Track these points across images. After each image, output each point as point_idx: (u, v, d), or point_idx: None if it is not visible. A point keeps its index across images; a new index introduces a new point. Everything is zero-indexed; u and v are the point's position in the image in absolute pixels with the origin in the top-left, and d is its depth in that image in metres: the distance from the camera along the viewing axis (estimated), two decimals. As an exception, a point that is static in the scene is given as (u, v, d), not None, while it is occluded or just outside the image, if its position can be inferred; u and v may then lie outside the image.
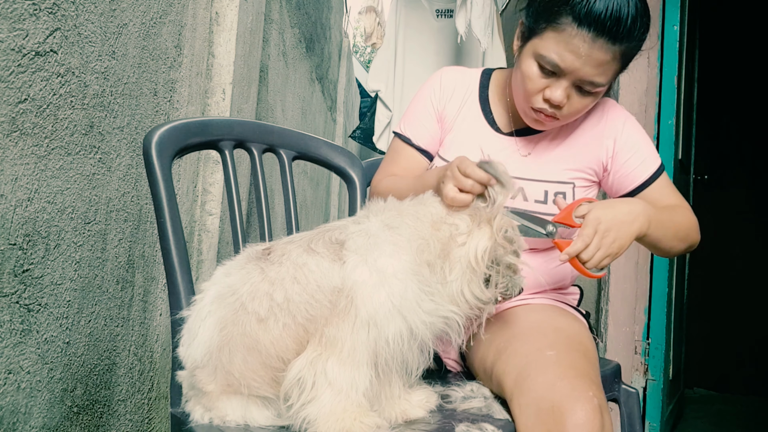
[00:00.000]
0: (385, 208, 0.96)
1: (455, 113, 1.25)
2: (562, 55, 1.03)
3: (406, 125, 1.29)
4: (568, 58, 1.03)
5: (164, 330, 1.68)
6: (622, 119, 1.21)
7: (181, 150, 1.16)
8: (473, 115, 1.25)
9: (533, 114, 1.13)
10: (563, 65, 1.04)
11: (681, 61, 2.56)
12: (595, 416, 0.88)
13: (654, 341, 2.46)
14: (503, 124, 1.24)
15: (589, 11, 1.00)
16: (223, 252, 1.94)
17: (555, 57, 1.04)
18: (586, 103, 1.10)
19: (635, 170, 1.19)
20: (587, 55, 1.02)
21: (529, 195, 1.17)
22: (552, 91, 1.07)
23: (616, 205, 1.04)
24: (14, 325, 1.02)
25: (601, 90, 1.09)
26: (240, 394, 0.89)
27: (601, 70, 1.05)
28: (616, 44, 1.03)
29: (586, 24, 1.00)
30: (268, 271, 0.88)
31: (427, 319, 0.87)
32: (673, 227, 1.13)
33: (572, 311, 1.23)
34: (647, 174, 1.19)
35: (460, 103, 1.25)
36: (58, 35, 1.08)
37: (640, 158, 1.19)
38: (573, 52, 1.03)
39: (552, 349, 0.99)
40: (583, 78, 1.05)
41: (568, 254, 0.99)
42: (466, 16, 3.20)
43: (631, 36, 1.03)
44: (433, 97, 1.26)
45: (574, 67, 1.04)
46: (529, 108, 1.13)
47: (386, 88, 3.65)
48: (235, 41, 1.92)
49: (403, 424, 0.92)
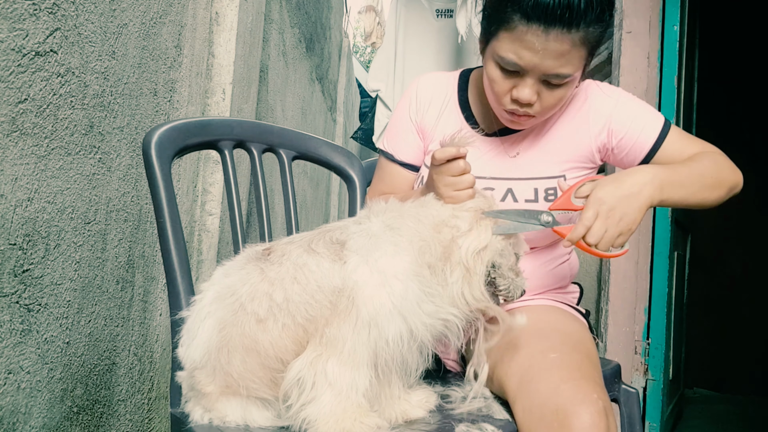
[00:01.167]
0: (387, 209, 0.96)
1: (434, 122, 1.24)
2: (518, 53, 1.01)
3: (388, 141, 1.29)
4: (525, 55, 1.00)
5: (164, 330, 1.68)
6: (611, 98, 1.17)
7: (180, 150, 1.16)
8: (454, 120, 1.23)
9: (507, 115, 1.11)
10: (522, 63, 1.01)
11: (681, 61, 2.56)
12: (601, 419, 0.87)
13: (654, 341, 2.46)
14: (486, 125, 1.22)
15: (536, 4, 0.96)
16: (223, 252, 1.94)
17: (513, 56, 1.01)
18: (558, 95, 1.06)
19: (638, 139, 1.15)
20: (543, 48, 0.99)
21: (519, 195, 1.16)
22: (519, 91, 1.04)
23: (620, 178, 1.00)
24: (14, 325, 1.02)
25: (570, 80, 1.05)
26: (239, 395, 0.89)
27: (564, 61, 1.01)
28: (572, 31, 0.98)
29: (536, 18, 0.97)
30: (267, 272, 0.88)
31: (427, 320, 0.86)
32: (697, 179, 1.07)
33: (573, 312, 1.23)
34: (652, 138, 1.14)
35: (439, 110, 1.24)
36: (58, 35, 1.08)
37: (640, 126, 1.15)
38: (529, 48, 0.99)
39: (554, 351, 0.99)
40: (546, 72, 1.01)
41: (570, 240, 0.96)
42: (467, 16, 3.20)
43: (587, 19, 0.98)
44: (411, 111, 1.26)
45: (533, 64, 1.00)
46: (501, 110, 1.11)
47: (386, 87, 3.65)
48: (235, 41, 1.92)
49: (403, 424, 0.92)
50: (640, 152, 1.15)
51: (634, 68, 2.50)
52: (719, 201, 1.14)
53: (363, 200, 1.40)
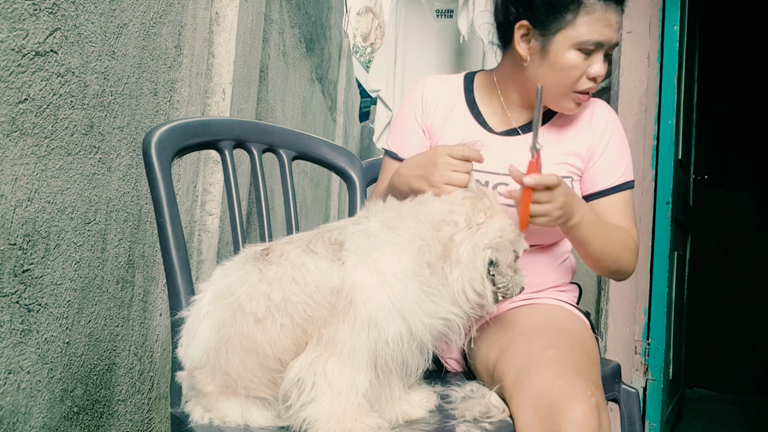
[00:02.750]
0: (385, 209, 0.95)
1: (442, 121, 1.25)
2: (600, 31, 1.11)
3: (392, 141, 1.30)
4: (605, 32, 1.11)
5: (164, 330, 1.68)
6: (606, 119, 1.24)
7: (180, 150, 1.16)
8: (463, 120, 1.25)
9: (577, 98, 1.16)
10: (604, 39, 1.12)
11: (681, 61, 2.56)
12: (593, 415, 0.88)
13: (654, 341, 2.46)
14: (495, 124, 1.24)
15: None
16: (223, 252, 1.94)
17: (597, 36, 1.11)
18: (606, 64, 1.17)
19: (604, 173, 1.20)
20: (616, 22, 1.13)
21: None
22: (596, 68, 1.14)
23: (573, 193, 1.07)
24: (14, 325, 1.02)
25: None
26: (239, 395, 0.89)
27: (619, 32, 1.16)
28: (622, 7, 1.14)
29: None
30: (266, 272, 0.88)
31: (427, 320, 0.86)
32: (604, 239, 1.13)
33: (574, 310, 1.24)
34: (612, 181, 1.20)
35: (446, 110, 1.25)
36: (58, 35, 1.08)
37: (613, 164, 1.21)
38: (608, 25, 1.12)
39: (553, 348, 1.00)
40: (612, 43, 1.14)
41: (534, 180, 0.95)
42: (468, 16, 3.19)
43: None
44: (416, 111, 1.26)
45: (610, 37, 1.13)
46: (569, 95, 1.16)
47: (386, 87, 3.65)
48: (235, 41, 1.92)
49: (404, 424, 0.92)
50: (592, 186, 1.21)
51: (634, 68, 2.50)
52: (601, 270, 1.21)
53: (363, 200, 1.40)
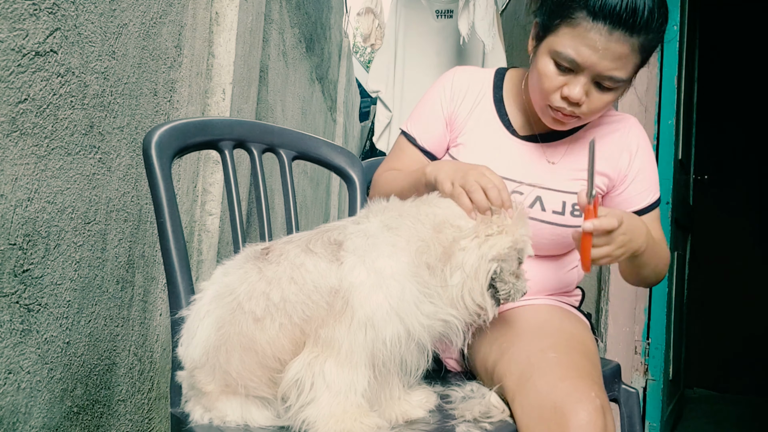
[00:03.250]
0: (386, 209, 0.95)
1: (467, 114, 1.22)
2: (578, 49, 1.01)
3: (413, 125, 1.27)
4: (584, 52, 1.01)
5: (164, 330, 1.68)
6: (637, 139, 1.20)
7: (181, 150, 1.16)
8: (487, 117, 1.22)
9: (551, 113, 1.10)
10: (580, 60, 1.02)
11: (681, 61, 2.56)
12: (598, 417, 0.87)
13: (654, 341, 2.46)
14: (519, 126, 1.21)
15: (603, 3, 0.98)
16: (223, 252, 1.94)
17: (571, 52, 1.02)
18: (606, 99, 1.07)
19: (638, 195, 1.19)
20: (604, 48, 0.99)
21: (547, 205, 1.15)
22: (570, 89, 1.05)
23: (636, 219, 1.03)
24: (14, 325, 1.02)
25: (621, 85, 1.06)
26: (239, 394, 0.89)
27: (620, 64, 1.02)
28: (633, 36, 0.99)
29: (602, 16, 0.98)
30: (265, 271, 0.87)
31: (425, 321, 0.86)
32: (656, 258, 1.13)
33: (575, 312, 1.23)
34: (646, 202, 1.19)
35: (473, 104, 1.23)
36: (58, 35, 1.08)
37: (644, 185, 1.19)
38: (590, 46, 1.00)
39: (554, 349, 0.99)
40: (601, 73, 1.02)
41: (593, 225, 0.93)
42: (469, 17, 3.19)
43: (649, 27, 1.00)
44: (443, 99, 1.23)
45: (591, 62, 1.01)
46: (546, 107, 1.10)
47: (386, 88, 3.65)
48: (235, 41, 1.92)
49: (403, 424, 0.92)
50: (629, 206, 1.19)
51: (634, 68, 2.50)
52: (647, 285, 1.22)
53: (363, 200, 1.40)
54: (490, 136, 1.21)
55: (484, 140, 1.21)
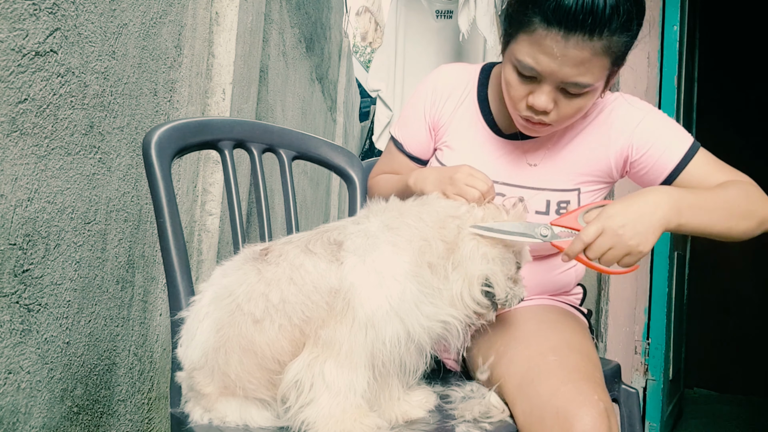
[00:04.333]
0: (386, 209, 0.94)
1: (450, 115, 1.21)
2: (536, 58, 0.96)
3: (400, 130, 1.27)
4: (543, 60, 0.96)
5: (164, 330, 1.68)
6: (640, 111, 1.12)
7: (180, 150, 1.16)
8: (470, 117, 1.20)
9: (522, 121, 1.07)
10: (539, 68, 0.97)
11: (681, 61, 2.56)
12: (602, 421, 0.86)
13: (654, 341, 2.46)
14: (503, 124, 1.19)
15: (557, 7, 0.92)
16: (223, 252, 1.94)
17: (530, 61, 0.97)
18: (576, 105, 1.01)
19: (661, 157, 1.09)
20: (562, 55, 0.94)
21: (530, 205, 1.12)
22: (535, 98, 1.00)
23: (633, 196, 0.95)
24: (14, 325, 1.02)
25: (590, 90, 1.00)
26: (238, 395, 0.89)
27: (583, 69, 0.95)
28: (594, 39, 0.93)
29: (556, 22, 0.92)
30: (264, 272, 0.87)
31: (425, 322, 0.85)
32: (723, 205, 1.00)
33: (573, 311, 1.23)
34: (677, 158, 1.08)
35: (456, 103, 1.21)
36: (58, 35, 1.08)
37: (664, 144, 1.09)
38: (547, 53, 0.95)
39: (554, 352, 0.98)
40: (564, 80, 0.97)
41: (567, 255, 0.94)
42: (469, 14, 3.19)
43: (611, 27, 0.93)
44: (426, 104, 1.22)
45: (551, 70, 0.96)
46: (516, 115, 1.07)
47: (386, 87, 3.65)
48: (235, 41, 1.91)
49: (403, 424, 0.91)
50: (661, 172, 1.09)
51: (634, 68, 2.50)
52: (748, 234, 1.04)
53: (363, 200, 1.40)
54: (473, 138, 1.19)
55: (467, 142, 1.19)
